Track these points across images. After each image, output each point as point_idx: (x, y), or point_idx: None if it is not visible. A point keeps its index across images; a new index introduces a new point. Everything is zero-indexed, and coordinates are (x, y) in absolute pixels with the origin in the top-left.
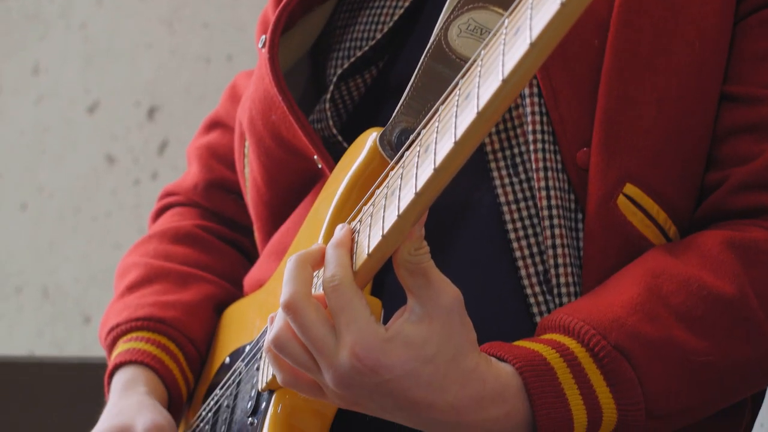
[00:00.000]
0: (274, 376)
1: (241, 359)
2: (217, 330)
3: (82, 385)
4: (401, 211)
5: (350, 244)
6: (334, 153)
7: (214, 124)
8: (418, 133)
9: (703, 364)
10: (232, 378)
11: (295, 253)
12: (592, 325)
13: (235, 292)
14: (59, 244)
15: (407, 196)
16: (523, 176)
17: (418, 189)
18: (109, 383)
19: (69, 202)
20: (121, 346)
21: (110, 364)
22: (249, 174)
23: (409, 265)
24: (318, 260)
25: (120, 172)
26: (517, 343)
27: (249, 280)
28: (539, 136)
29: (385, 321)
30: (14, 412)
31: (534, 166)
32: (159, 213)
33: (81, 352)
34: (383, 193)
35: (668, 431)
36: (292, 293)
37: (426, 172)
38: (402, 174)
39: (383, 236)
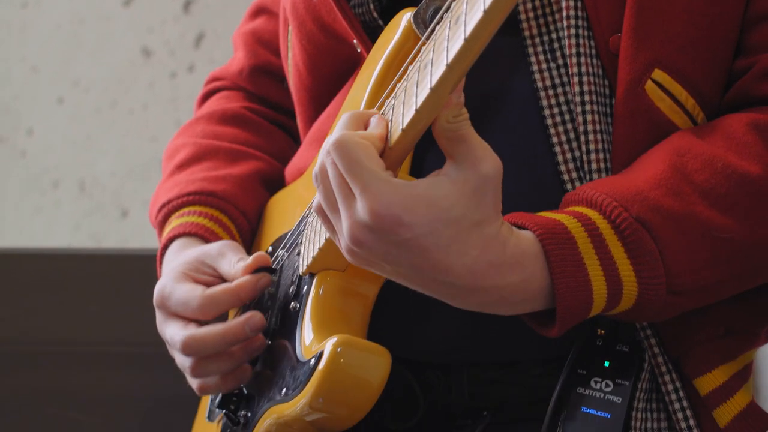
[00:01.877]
0: (314, 259)
1: (281, 247)
2: (260, 221)
3: (120, 276)
4: (433, 84)
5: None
6: (375, 38)
7: (259, 11)
8: (449, 7)
9: (725, 241)
10: (274, 265)
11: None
12: (614, 197)
13: (282, 169)
14: (96, 137)
15: (439, 69)
16: (560, 61)
17: (450, 61)
18: (162, 259)
19: (105, 96)
20: (174, 222)
21: (163, 239)
22: (292, 59)
23: (448, 133)
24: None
25: (156, 64)
26: (540, 213)
27: (290, 168)
28: (573, 22)
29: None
30: (53, 304)
31: (568, 52)
32: (205, 97)
33: (118, 245)
34: (416, 67)
35: (688, 308)
36: (341, 134)
37: (457, 44)
38: (433, 48)
39: (416, 110)
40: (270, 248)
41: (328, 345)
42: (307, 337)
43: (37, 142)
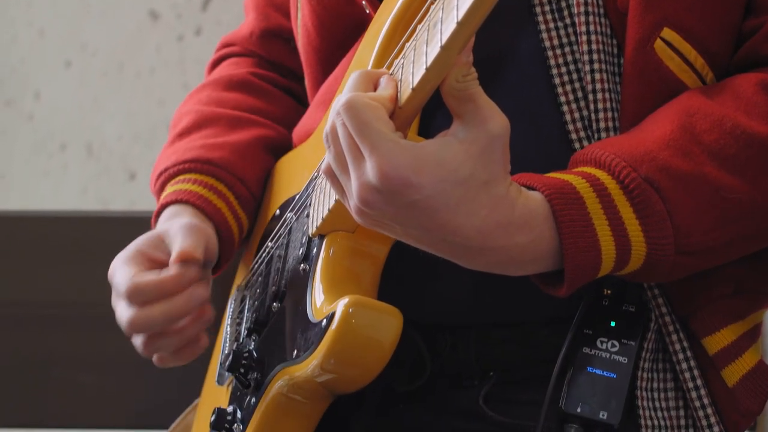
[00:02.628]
0: (324, 221)
1: (290, 209)
2: (268, 184)
3: (127, 239)
4: (444, 42)
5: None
6: None
7: None
8: None
9: (733, 202)
10: (283, 228)
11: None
12: (622, 158)
13: (288, 135)
14: (103, 101)
15: (449, 26)
16: (568, 21)
17: (460, 18)
18: (154, 226)
19: (112, 59)
20: (168, 189)
21: (157, 207)
22: (301, 20)
23: (456, 92)
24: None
25: (163, 27)
26: (548, 174)
27: (298, 130)
28: None
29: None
30: (60, 267)
31: (576, 11)
32: (216, 63)
33: (126, 208)
34: (425, 26)
35: (696, 269)
36: (351, 95)
37: (467, 1)
38: (443, 5)
39: (427, 69)
40: (278, 211)
41: (340, 305)
42: (317, 298)
43: (45, 106)
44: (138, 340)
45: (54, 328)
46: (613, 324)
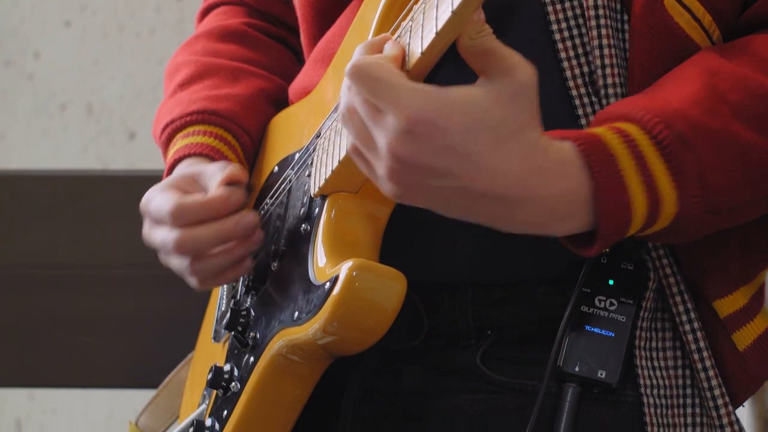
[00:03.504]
0: (327, 181)
1: (290, 167)
2: (263, 139)
3: (128, 198)
4: (455, 7)
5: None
6: None
7: None
8: None
9: (759, 161)
10: (282, 187)
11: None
12: (654, 113)
13: (285, 86)
14: (103, 61)
15: None
16: None
17: None
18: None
19: (112, 20)
20: (180, 142)
21: (169, 160)
22: None
23: (473, 49)
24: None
25: None
26: (576, 130)
27: (294, 87)
28: None
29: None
30: (60, 227)
31: None
32: (205, 12)
33: (126, 167)
34: None
35: (722, 227)
36: (355, 60)
37: None
38: None
39: (437, 33)
40: (276, 168)
41: (344, 269)
42: (320, 260)
43: (45, 66)
44: (182, 263)
45: (54, 288)
46: (611, 282)
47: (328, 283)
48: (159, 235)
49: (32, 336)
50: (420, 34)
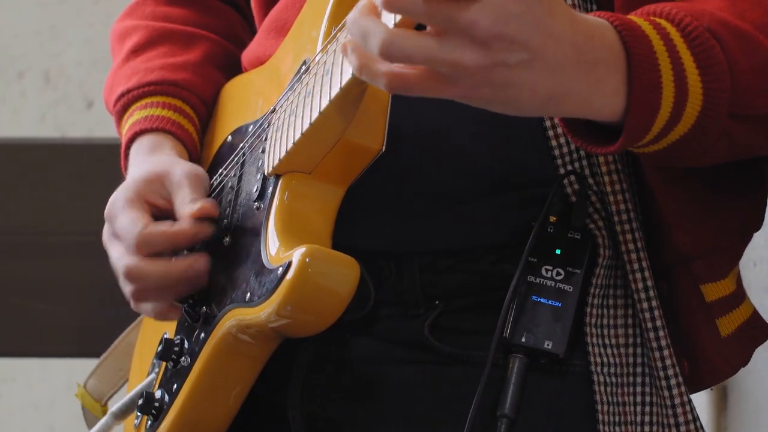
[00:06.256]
0: (281, 161)
1: (245, 140)
2: (215, 105)
3: (85, 166)
4: None
5: None
6: None
7: None
8: None
9: None
10: (236, 159)
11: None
12: (681, 9)
13: (236, 51)
14: (61, 28)
15: None
16: None
17: None
18: (126, 153)
19: None
20: (137, 114)
21: (127, 132)
22: None
23: None
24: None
25: None
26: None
27: (248, 55)
28: None
29: None
30: (18, 194)
31: None
32: None
33: (84, 135)
34: None
35: (737, 146)
36: None
37: None
38: None
39: None
40: (230, 137)
41: (296, 254)
42: (272, 243)
43: (2, 33)
44: (125, 287)
45: (12, 255)
46: (558, 252)
47: (280, 269)
48: (115, 252)
49: None
50: None
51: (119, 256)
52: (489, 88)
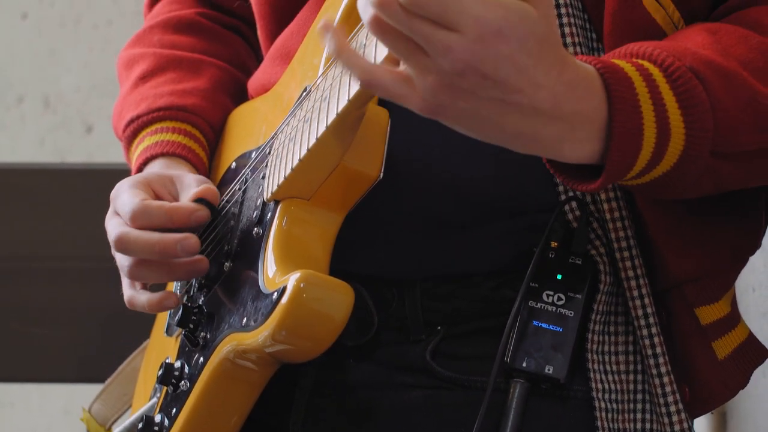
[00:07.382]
0: (280, 186)
1: (247, 166)
2: (223, 131)
3: (84, 191)
4: None
5: None
6: None
7: None
8: None
9: (766, 111)
10: (239, 185)
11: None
12: (663, 49)
13: (243, 78)
14: (60, 53)
15: None
16: None
17: None
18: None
19: (69, 11)
20: (149, 139)
21: (139, 157)
22: None
23: None
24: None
25: None
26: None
27: (254, 83)
28: None
29: None
30: (17, 219)
31: None
32: (154, 1)
33: (83, 161)
34: None
35: (721, 181)
36: None
37: None
38: None
39: None
40: (234, 164)
41: (291, 280)
42: (269, 268)
43: (1, 58)
44: (121, 261)
45: (11, 281)
46: (559, 277)
47: (276, 294)
48: (111, 225)
49: None
50: None
51: (112, 229)
52: (452, 112)
